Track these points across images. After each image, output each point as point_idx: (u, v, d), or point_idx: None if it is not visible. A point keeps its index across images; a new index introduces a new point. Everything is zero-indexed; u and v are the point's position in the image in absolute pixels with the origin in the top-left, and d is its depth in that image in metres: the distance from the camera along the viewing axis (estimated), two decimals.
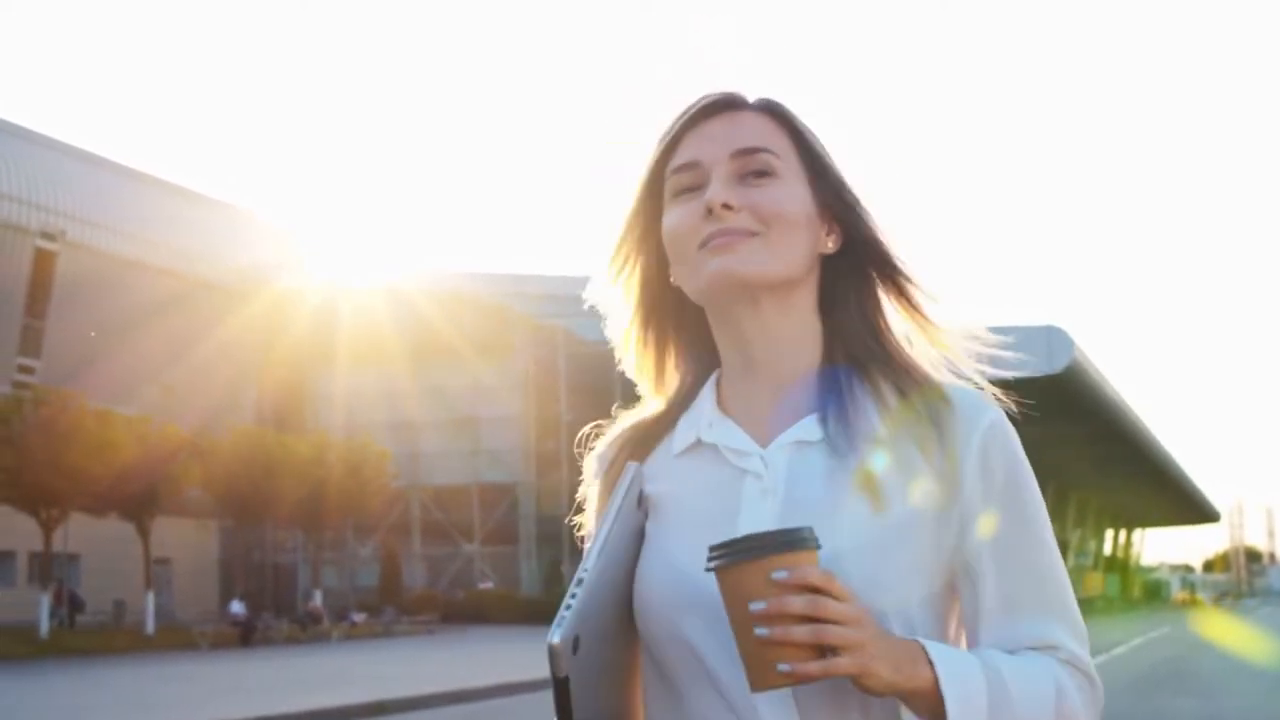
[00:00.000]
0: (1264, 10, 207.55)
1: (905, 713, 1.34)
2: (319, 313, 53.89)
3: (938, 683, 1.29)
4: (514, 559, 55.01)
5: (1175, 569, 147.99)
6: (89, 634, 36.98)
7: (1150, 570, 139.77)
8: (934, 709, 1.30)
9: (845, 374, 1.46)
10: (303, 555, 56.94)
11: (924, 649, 1.30)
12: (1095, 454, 69.61)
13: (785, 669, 1.24)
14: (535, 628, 37.87)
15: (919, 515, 1.38)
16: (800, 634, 1.24)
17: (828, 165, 1.49)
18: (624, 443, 1.55)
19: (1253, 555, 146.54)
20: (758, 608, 1.24)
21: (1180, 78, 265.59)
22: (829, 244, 1.49)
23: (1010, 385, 1.55)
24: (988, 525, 1.40)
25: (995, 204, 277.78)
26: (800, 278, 1.46)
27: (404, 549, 55.33)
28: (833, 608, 1.25)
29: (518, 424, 54.91)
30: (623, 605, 1.42)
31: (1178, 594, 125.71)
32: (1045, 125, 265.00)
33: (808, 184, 1.47)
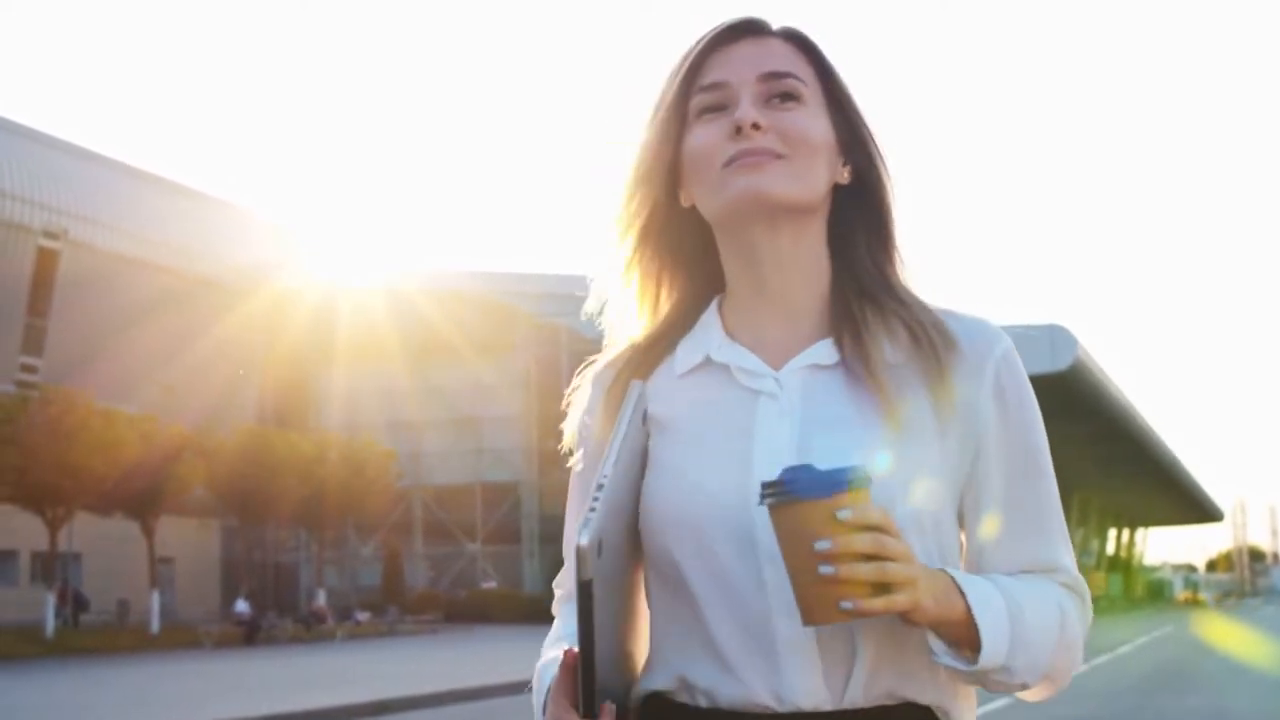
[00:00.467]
0: (1264, 10, 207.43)
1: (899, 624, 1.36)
2: (320, 311, 53.91)
3: (970, 611, 1.34)
4: (516, 558, 55.02)
5: (1178, 569, 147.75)
6: (94, 633, 37.01)
7: (1153, 570, 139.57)
8: (965, 636, 1.35)
9: (858, 303, 1.47)
10: (305, 555, 56.97)
11: (954, 580, 1.35)
12: (1098, 453, 69.52)
13: (848, 606, 1.25)
14: (538, 627, 37.47)
15: (934, 437, 1.41)
16: (865, 572, 1.25)
17: (848, 98, 1.51)
18: (623, 365, 1.54)
19: (1256, 555, 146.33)
20: (824, 546, 1.24)
21: (1183, 77, 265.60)
22: (844, 175, 1.50)
23: None
24: (1000, 451, 1.44)
25: (999, 203, 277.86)
26: (817, 205, 1.48)
27: (406, 548, 55.36)
28: (892, 545, 1.27)
29: (520, 423, 54.90)
30: (629, 520, 1.43)
31: (1180, 594, 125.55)
32: (1049, 125, 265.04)
33: (828, 114, 1.49)
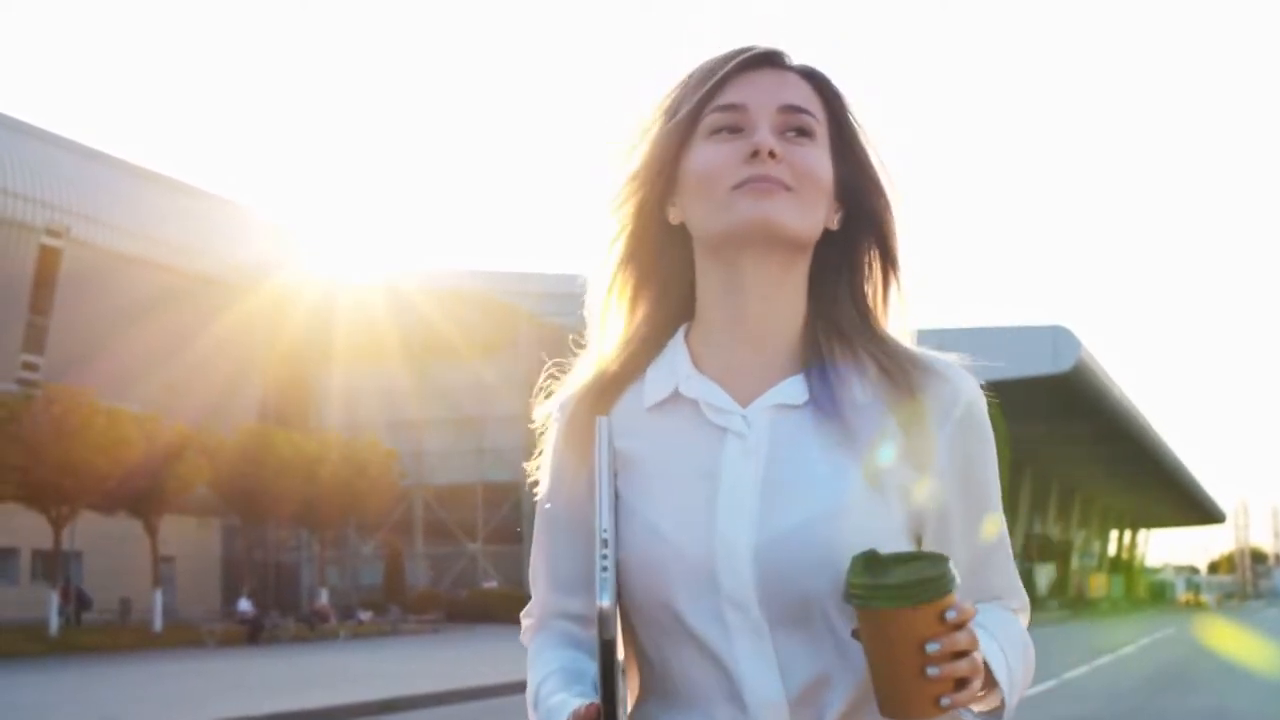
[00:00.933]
0: (1265, 10, 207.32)
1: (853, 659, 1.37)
2: (321, 310, 53.92)
3: (988, 665, 1.37)
4: (517, 558, 55.01)
5: (1180, 570, 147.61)
6: (97, 631, 37.07)
7: (1155, 571, 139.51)
8: (986, 690, 1.39)
9: (827, 340, 1.47)
10: (307, 554, 57.01)
11: None
12: (1100, 454, 69.56)
13: (947, 702, 1.28)
14: None
15: (898, 479, 1.42)
16: (963, 669, 1.28)
17: (854, 144, 1.51)
18: (586, 391, 1.52)
19: (1258, 556, 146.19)
20: (934, 649, 1.26)
21: (1186, 77, 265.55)
22: (835, 221, 1.50)
23: (1016, 384, 1.58)
24: (960, 490, 1.46)
25: (1002, 205, 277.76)
26: (811, 244, 1.48)
27: (406, 548, 55.39)
28: (977, 638, 1.30)
29: (521, 423, 54.48)
30: None
31: (1182, 595, 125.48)
32: (1052, 125, 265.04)
33: (832, 157, 1.49)
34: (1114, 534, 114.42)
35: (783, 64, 1.50)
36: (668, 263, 1.53)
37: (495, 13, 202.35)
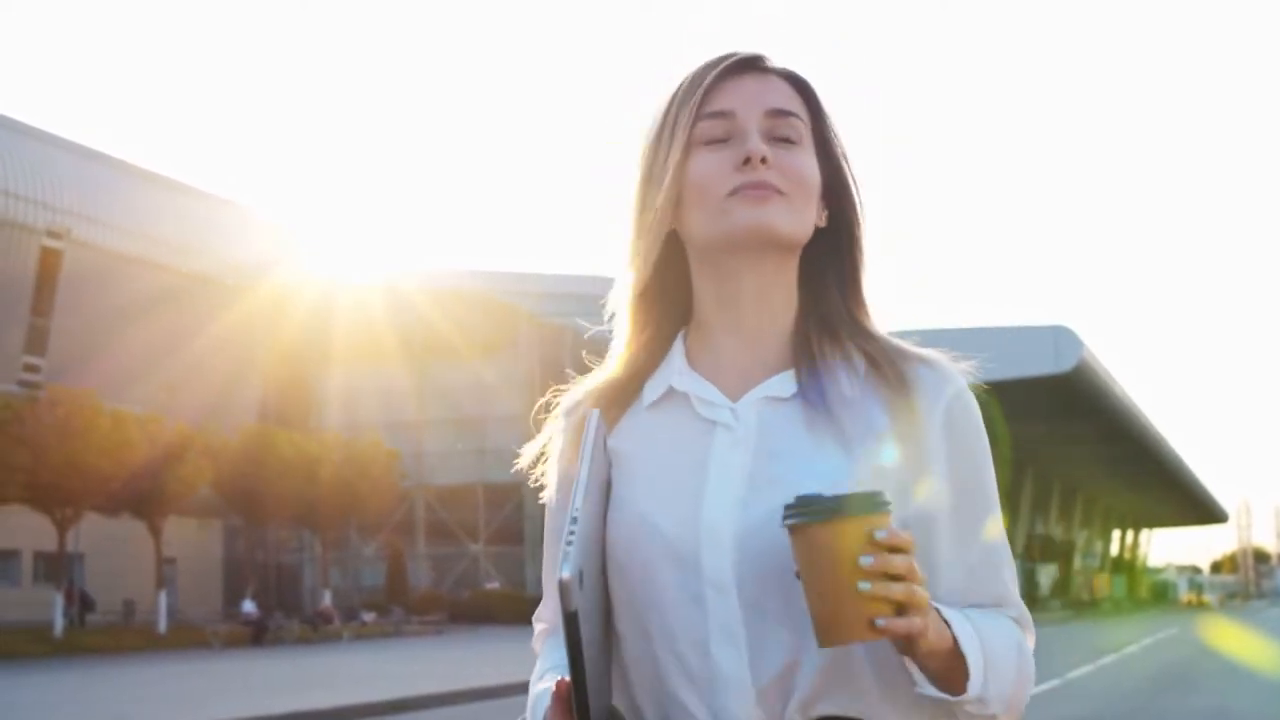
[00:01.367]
0: (1268, 9, 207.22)
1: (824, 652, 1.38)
2: (322, 311, 53.93)
3: (956, 642, 1.36)
4: (519, 559, 55.03)
5: (1182, 570, 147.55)
6: (101, 633, 37.14)
7: (1157, 571, 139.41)
8: (948, 664, 1.37)
9: (817, 337, 1.51)
10: (309, 555, 57.03)
11: (938, 611, 1.37)
12: (1103, 454, 69.52)
13: (882, 623, 1.27)
14: None
15: (885, 472, 1.43)
16: (897, 591, 1.27)
17: (835, 144, 1.55)
18: (590, 397, 1.57)
19: (1260, 556, 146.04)
20: (867, 561, 1.27)
21: (1189, 78, 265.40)
22: (822, 219, 1.54)
23: (1018, 384, 1.59)
24: (952, 488, 1.46)
25: (1004, 205, 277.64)
26: (801, 245, 1.52)
27: (408, 549, 55.38)
28: (918, 570, 1.30)
29: (523, 423, 54.46)
30: (599, 553, 1.46)
31: (1185, 596, 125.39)
32: (1055, 125, 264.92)
33: (816, 158, 1.52)
34: (1116, 534, 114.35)
35: (766, 68, 1.53)
36: (667, 270, 1.56)
37: (495, 12, 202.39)
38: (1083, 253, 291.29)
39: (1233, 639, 33.83)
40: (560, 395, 1.64)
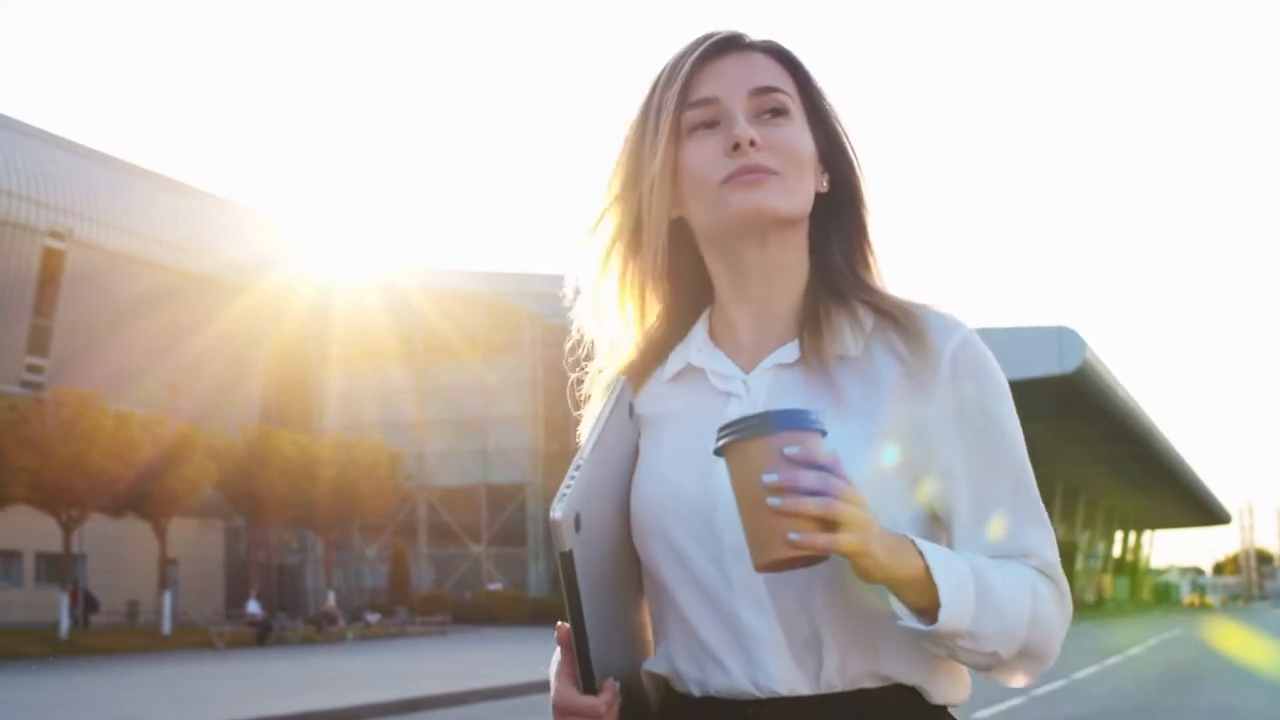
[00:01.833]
0: (1270, 9, 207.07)
1: (857, 615, 1.40)
2: (324, 312, 53.97)
3: (928, 570, 1.34)
4: (522, 560, 55.03)
5: (1185, 571, 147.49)
6: (106, 634, 37.17)
7: (1160, 573, 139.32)
8: (925, 595, 1.35)
9: (824, 300, 1.53)
10: (311, 555, 57.07)
11: (912, 541, 1.36)
12: (1106, 454, 69.42)
13: (796, 538, 1.27)
14: (545, 629, 37.88)
15: (889, 421, 1.44)
16: (811, 505, 1.27)
17: (827, 108, 1.56)
18: (621, 370, 1.61)
19: (1263, 557, 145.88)
20: (771, 479, 1.28)
21: (1192, 78, 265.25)
22: (823, 184, 1.56)
23: (1021, 385, 1.60)
24: (958, 439, 1.45)
25: (1008, 205, 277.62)
26: (804, 217, 1.54)
27: (410, 550, 55.39)
28: (839, 485, 1.29)
29: (525, 424, 54.92)
30: (621, 513, 1.49)
31: (1187, 597, 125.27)
32: (1058, 125, 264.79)
33: (809, 126, 1.54)
34: (1119, 535, 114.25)
35: (746, 45, 1.54)
36: (680, 254, 1.59)
37: (496, 8, 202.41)
38: (1087, 253, 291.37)
39: (1236, 640, 33.81)
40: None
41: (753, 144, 1.47)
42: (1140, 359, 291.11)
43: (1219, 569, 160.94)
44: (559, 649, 1.42)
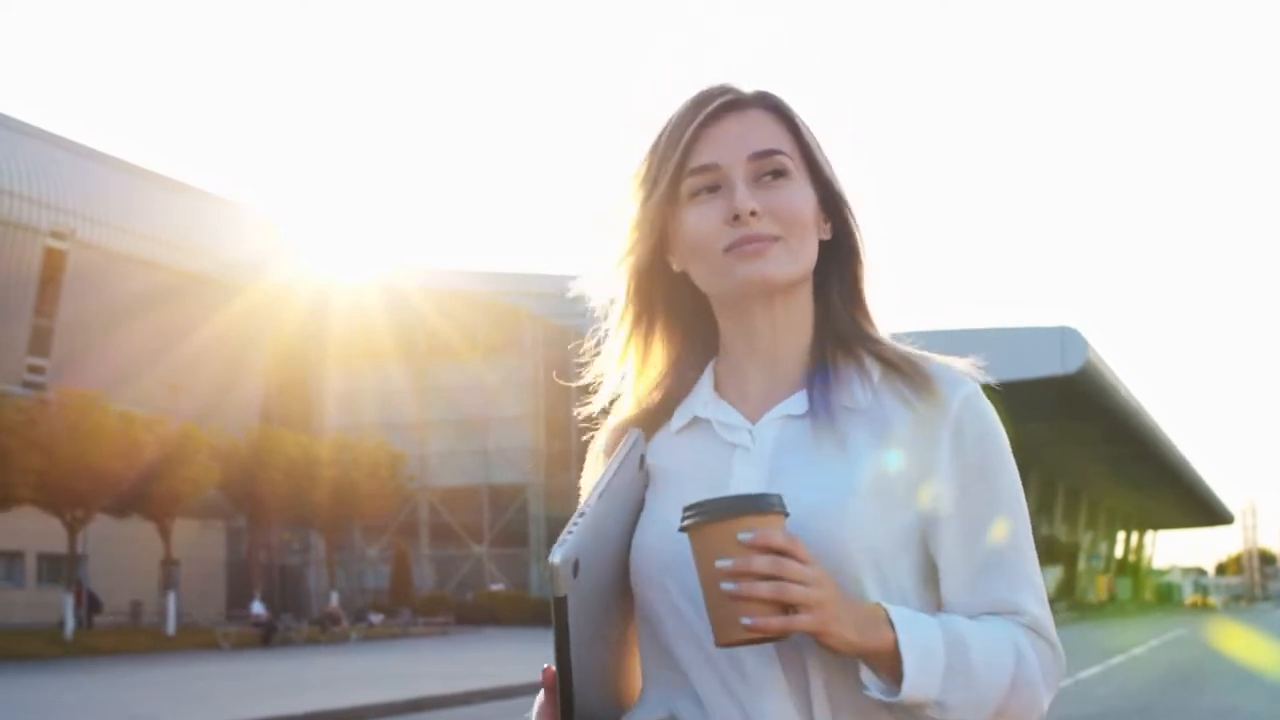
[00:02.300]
0: (1271, 8, 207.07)
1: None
2: (326, 312, 53.98)
3: (897, 644, 1.37)
4: (524, 561, 55.04)
5: (1188, 572, 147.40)
6: (111, 634, 37.19)
7: (1162, 573, 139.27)
8: (894, 669, 1.39)
9: (831, 351, 1.56)
10: (313, 556, 57.11)
11: (886, 612, 1.39)
12: (1108, 455, 69.44)
13: (748, 622, 1.32)
14: (547, 629, 37.77)
15: (893, 477, 1.46)
16: (763, 590, 1.31)
17: (822, 160, 1.58)
18: (628, 421, 1.63)
19: (1266, 558, 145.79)
20: (724, 564, 1.32)
21: (1195, 77, 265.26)
22: (826, 232, 1.58)
23: (1024, 385, 1.61)
24: (958, 491, 1.48)
25: (1010, 205, 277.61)
26: (809, 274, 1.57)
27: (412, 550, 55.40)
28: (795, 568, 1.32)
29: (527, 425, 54.95)
30: (621, 562, 1.51)
31: (1190, 597, 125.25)
32: (1060, 125, 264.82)
33: (808, 178, 1.56)
34: (1121, 535, 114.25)
35: (741, 103, 1.55)
36: (684, 305, 1.62)
37: (495, 8, 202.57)
38: (1089, 253, 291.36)
39: (1239, 641, 33.80)
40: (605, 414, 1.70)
41: (753, 214, 1.49)
42: (1143, 359, 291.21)
43: (1221, 569, 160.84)
44: (542, 692, 1.45)
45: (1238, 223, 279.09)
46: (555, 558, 1.33)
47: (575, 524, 1.39)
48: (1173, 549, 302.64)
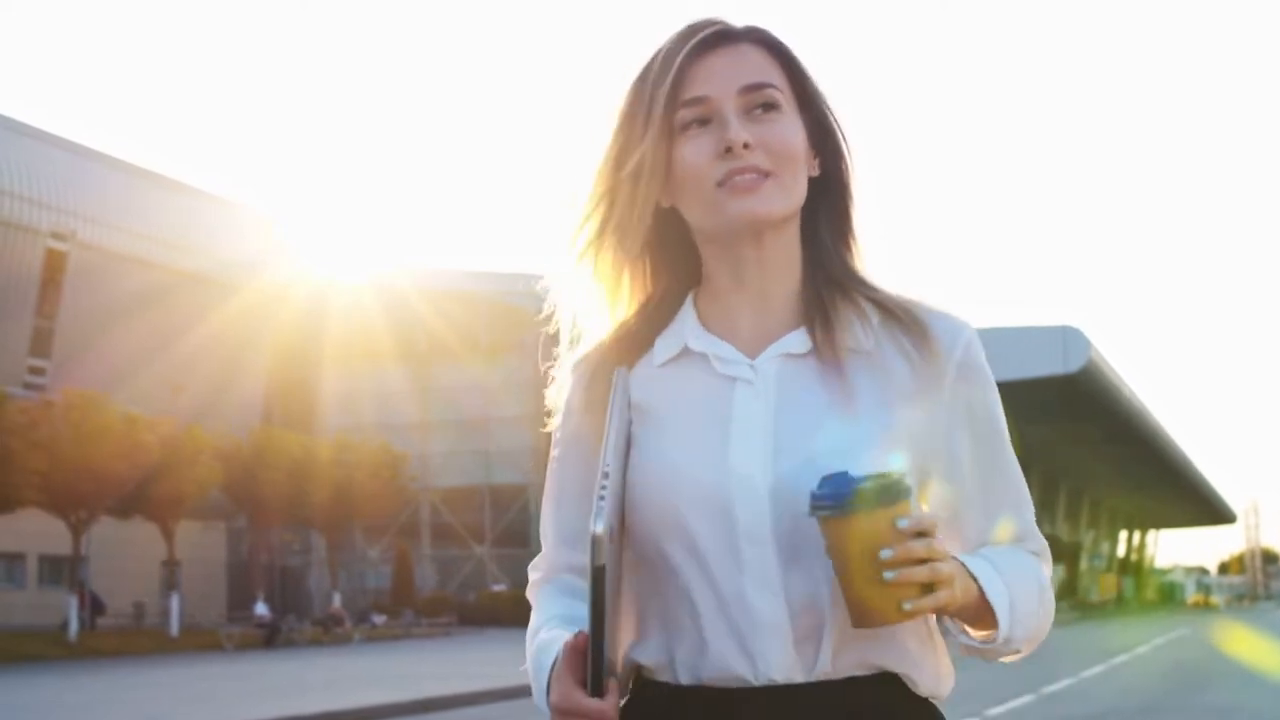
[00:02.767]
0: (1272, 8, 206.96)
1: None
2: (328, 312, 53.95)
3: (983, 594, 1.45)
4: (525, 561, 54.28)
5: (1190, 571, 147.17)
6: (114, 636, 37.21)
7: (1164, 572, 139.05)
8: (977, 617, 1.47)
9: (828, 292, 1.55)
10: (315, 557, 57.10)
11: (964, 566, 1.44)
12: (1110, 454, 69.36)
13: (909, 606, 1.34)
14: None
15: (902, 420, 1.49)
16: (921, 574, 1.34)
17: (816, 94, 1.57)
18: (600, 357, 1.60)
19: (1269, 557, 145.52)
20: (888, 554, 1.32)
21: (1198, 77, 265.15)
22: (814, 168, 1.57)
23: (1026, 384, 1.63)
24: (968, 429, 1.52)
25: (1012, 204, 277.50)
26: (799, 209, 1.56)
27: (413, 551, 55.39)
28: (939, 549, 1.36)
29: (529, 425, 54.93)
30: (619, 507, 1.50)
31: (1192, 597, 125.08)
32: (1062, 124, 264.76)
33: (799, 113, 1.55)
34: (1123, 535, 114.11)
35: (733, 37, 1.54)
36: (667, 238, 1.60)
37: (494, 7, 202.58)
38: (1091, 252, 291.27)
39: (1242, 640, 33.75)
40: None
41: (746, 146, 1.48)
42: (1145, 358, 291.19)
43: (1224, 569, 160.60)
44: (559, 650, 1.45)
45: (1240, 221, 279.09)
46: (598, 528, 1.32)
47: (603, 487, 1.37)
48: (1175, 548, 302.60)
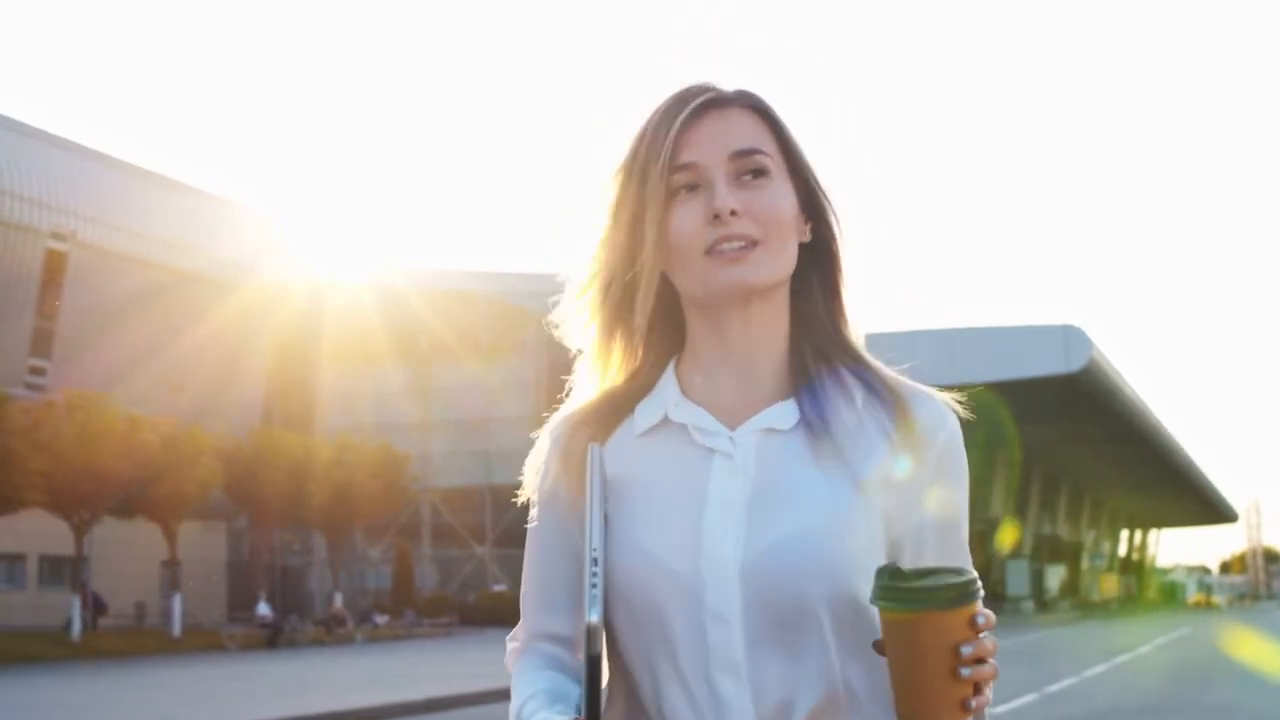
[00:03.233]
0: (1272, 7, 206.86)
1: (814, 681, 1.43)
2: (328, 312, 53.98)
3: None
4: None
5: (1191, 571, 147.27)
6: (116, 636, 37.23)
7: (1166, 572, 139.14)
8: None
9: (814, 364, 1.54)
10: (316, 557, 57.13)
11: None
12: (1111, 453, 69.40)
13: (973, 704, 1.33)
14: None
15: (879, 497, 1.48)
16: (988, 673, 1.33)
17: (803, 160, 1.56)
18: (580, 419, 1.60)
19: (1271, 556, 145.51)
20: (968, 651, 1.31)
21: (1198, 77, 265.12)
22: (805, 234, 1.55)
23: (1027, 384, 1.62)
24: (938, 514, 1.52)
25: (1013, 204, 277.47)
26: (789, 276, 1.54)
27: (414, 551, 55.41)
28: (995, 644, 1.35)
29: (529, 425, 54.59)
30: None
31: (1193, 596, 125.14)
32: (1063, 123, 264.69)
33: (789, 179, 1.53)
34: (1124, 534, 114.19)
35: (722, 101, 1.53)
36: (658, 304, 1.57)
37: (494, 7, 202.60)
38: (1092, 252, 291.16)
39: (1243, 640, 33.77)
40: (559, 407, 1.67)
41: (733, 213, 1.47)
42: (1146, 357, 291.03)
43: (1225, 568, 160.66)
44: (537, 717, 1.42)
45: (1241, 221, 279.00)
46: (593, 617, 1.32)
47: (595, 574, 1.37)
48: (1176, 548, 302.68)
